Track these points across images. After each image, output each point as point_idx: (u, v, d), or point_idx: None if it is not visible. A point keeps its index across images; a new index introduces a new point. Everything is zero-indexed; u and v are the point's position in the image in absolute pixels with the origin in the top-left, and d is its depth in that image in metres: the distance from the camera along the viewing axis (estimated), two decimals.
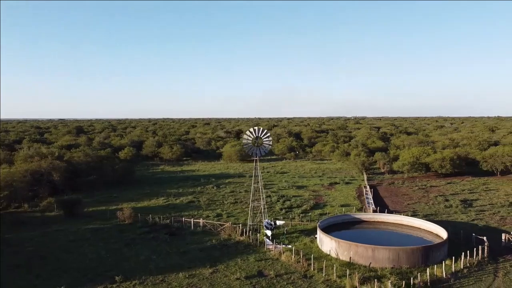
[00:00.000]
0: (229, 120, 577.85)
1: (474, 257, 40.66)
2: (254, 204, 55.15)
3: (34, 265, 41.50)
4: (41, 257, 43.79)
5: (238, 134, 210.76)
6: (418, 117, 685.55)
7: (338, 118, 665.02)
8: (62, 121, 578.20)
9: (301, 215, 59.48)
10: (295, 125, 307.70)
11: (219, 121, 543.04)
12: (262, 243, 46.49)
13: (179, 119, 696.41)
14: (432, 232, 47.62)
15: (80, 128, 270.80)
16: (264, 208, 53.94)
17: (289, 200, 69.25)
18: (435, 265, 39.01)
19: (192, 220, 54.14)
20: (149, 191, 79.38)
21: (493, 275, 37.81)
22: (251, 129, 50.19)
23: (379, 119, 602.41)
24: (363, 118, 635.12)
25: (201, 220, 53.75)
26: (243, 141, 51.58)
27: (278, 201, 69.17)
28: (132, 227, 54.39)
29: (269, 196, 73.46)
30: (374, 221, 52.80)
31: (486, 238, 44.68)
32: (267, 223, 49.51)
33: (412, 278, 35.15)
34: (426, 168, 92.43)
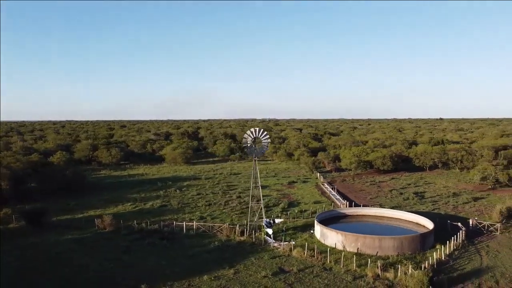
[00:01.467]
0: (143, 123, 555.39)
1: (458, 241, 46.60)
2: (253, 204, 55.76)
3: (33, 280, 37.68)
4: (36, 271, 39.77)
5: (168, 137, 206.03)
6: (327, 119, 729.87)
7: (252, 120, 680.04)
8: None
9: (288, 213, 61.52)
10: (219, 127, 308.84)
11: (133, 123, 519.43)
12: (266, 241, 47.61)
13: (87, 121, 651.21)
14: (412, 222, 53.15)
15: None
16: (263, 208, 54.93)
17: (263, 200, 70.75)
18: (430, 250, 44.19)
19: (184, 223, 53.06)
20: (108, 197, 74.86)
21: (478, 254, 43.83)
22: (251, 130, 51.07)
23: (292, 121, 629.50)
24: (277, 120, 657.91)
25: (194, 223, 52.93)
26: (243, 142, 51.98)
27: (252, 201, 70.29)
28: (117, 235, 51.52)
29: (240, 196, 74.26)
30: (357, 215, 57.02)
31: (454, 224, 51.60)
32: (267, 222, 50.69)
33: (426, 262, 39.37)
34: (369, 165, 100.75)
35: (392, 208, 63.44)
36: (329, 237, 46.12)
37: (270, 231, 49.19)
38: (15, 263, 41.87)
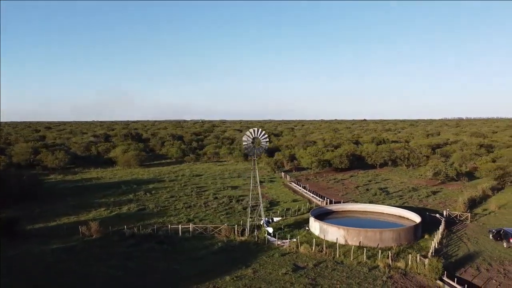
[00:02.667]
0: (67, 124, 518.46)
1: (442, 230, 51.23)
2: (252, 203, 55.86)
3: None
4: (37, 283, 36.59)
5: (107, 138, 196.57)
6: (261, 120, 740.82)
7: (184, 121, 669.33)
8: None
9: (274, 212, 62.49)
10: (158, 129, 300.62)
11: (55, 124, 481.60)
12: (269, 240, 48.29)
13: (5, 122, 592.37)
14: (395, 215, 57.20)
15: None
16: (262, 207, 55.36)
17: (242, 200, 71.13)
18: (422, 240, 48.22)
19: (180, 226, 51.85)
20: (75, 203, 70.08)
21: (462, 242, 48.64)
22: (250, 131, 51.32)
23: (225, 122, 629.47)
24: (210, 121, 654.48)
25: (191, 225, 51.94)
26: (243, 142, 51.97)
27: (231, 201, 70.41)
28: (108, 242, 48.86)
29: (216, 197, 73.79)
30: (343, 211, 59.89)
31: (432, 216, 56.67)
32: (266, 221, 51.37)
33: (430, 250, 42.92)
34: (328, 164, 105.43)
35: (366, 203, 67.52)
36: (329, 232, 48.06)
37: (270, 229, 50.01)
38: (9, 276, 38.06)
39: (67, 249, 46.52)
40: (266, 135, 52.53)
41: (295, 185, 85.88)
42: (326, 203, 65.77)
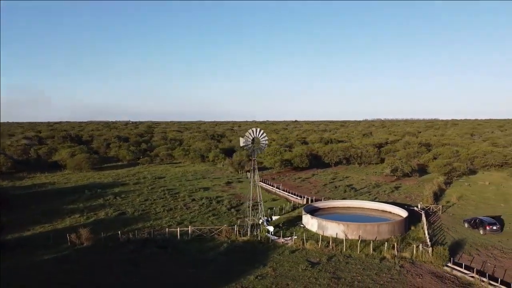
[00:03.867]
0: None
1: (425, 221, 55.68)
2: (251, 203, 55.76)
3: None
4: None
5: (41, 140, 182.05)
6: (195, 121, 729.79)
7: (114, 122, 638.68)
8: None
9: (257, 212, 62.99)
10: (91, 130, 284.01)
11: None
12: (271, 239, 48.95)
13: None
14: (378, 209, 60.91)
15: None
16: (262, 206, 55.58)
17: (222, 201, 70.73)
18: (411, 231, 52.13)
19: (178, 229, 50.50)
20: (42, 210, 64.57)
21: (443, 231, 53.36)
22: (250, 130, 51.35)
23: (159, 123, 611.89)
24: (142, 122, 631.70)
25: (190, 228, 50.81)
26: (242, 142, 51.71)
27: (211, 203, 69.76)
28: (102, 249, 46.21)
29: (194, 199, 72.53)
30: (328, 207, 62.34)
31: (411, 208, 61.29)
32: (266, 220, 51.92)
33: (427, 240, 46.51)
34: (289, 163, 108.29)
35: (342, 199, 70.88)
36: (329, 228, 50.00)
37: (271, 228, 50.71)
38: None
39: (60, 258, 43.18)
40: (265, 135, 53.08)
41: (265, 184, 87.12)
42: (307, 201, 67.91)
